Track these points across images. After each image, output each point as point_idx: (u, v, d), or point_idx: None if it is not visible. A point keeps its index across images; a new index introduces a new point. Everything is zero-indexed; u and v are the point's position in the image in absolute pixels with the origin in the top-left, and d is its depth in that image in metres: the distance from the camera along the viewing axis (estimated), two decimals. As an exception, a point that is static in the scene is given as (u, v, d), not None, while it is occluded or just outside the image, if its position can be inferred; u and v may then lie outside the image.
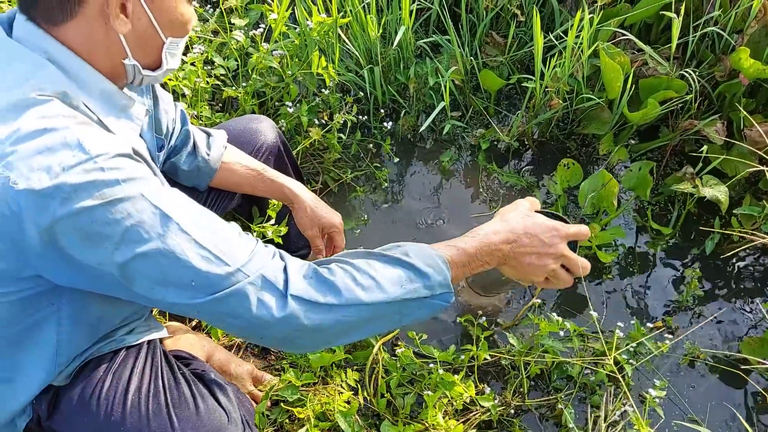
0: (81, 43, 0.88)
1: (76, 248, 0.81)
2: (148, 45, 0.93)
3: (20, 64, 0.85)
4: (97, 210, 0.79)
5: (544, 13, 2.37)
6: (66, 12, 0.85)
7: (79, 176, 0.78)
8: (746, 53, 1.85)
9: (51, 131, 0.79)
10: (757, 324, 1.84)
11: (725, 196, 1.87)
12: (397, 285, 0.92)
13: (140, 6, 0.88)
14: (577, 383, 1.66)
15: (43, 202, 0.77)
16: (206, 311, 0.86)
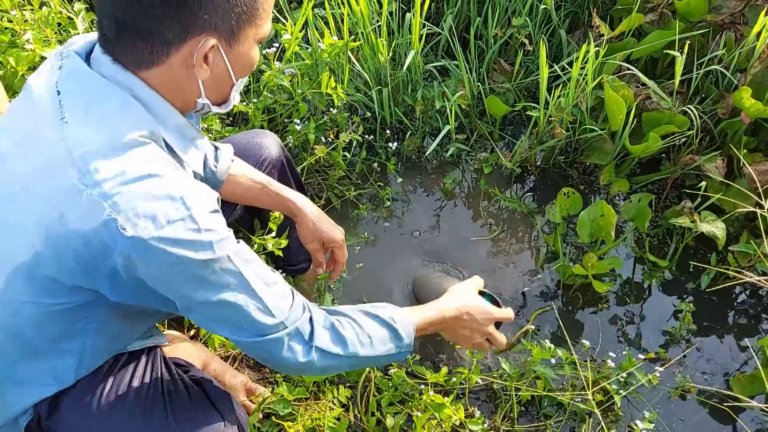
0: (162, 85, 0.96)
1: (157, 283, 0.92)
2: (221, 86, 1.02)
3: (113, 101, 0.92)
4: (190, 264, 0.90)
5: (553, 43, 2.41)
6: (153, 61, 0.93)
7: (181, 232, 0.88)
8: (748, 93, 1.88)
9: (154, 177, 0.88)
10: (748, 361, 1.85)
11: (722, 233, 1.90)
12: (383, 344, 1.18)
13: (220, 56, 0.96)
14: (567, 411, 1.68)
15: (144, 249, 0.86)
16: (244, 346, 1.04)
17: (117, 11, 0.90)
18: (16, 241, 0.94)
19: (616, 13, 2.35)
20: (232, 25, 0.94)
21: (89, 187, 0.86)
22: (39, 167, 0.92)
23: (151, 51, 0.92)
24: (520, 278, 2.02)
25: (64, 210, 0.88)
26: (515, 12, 2.38)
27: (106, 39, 0.94)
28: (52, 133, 0.91)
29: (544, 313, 1.94)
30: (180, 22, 0.89)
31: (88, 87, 0.93)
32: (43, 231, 0.90)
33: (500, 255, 2.08)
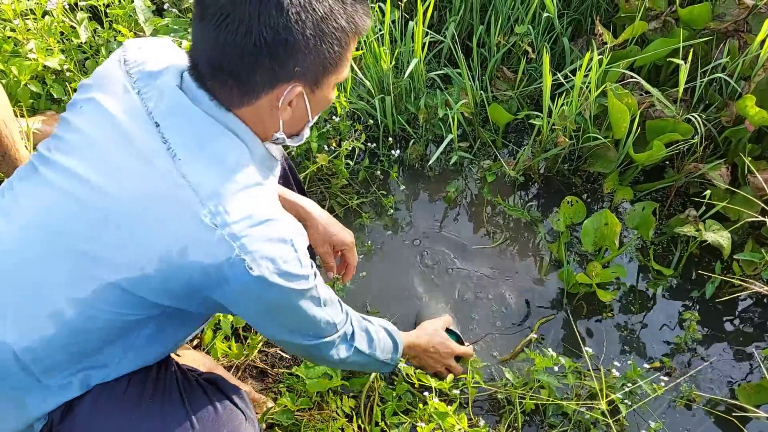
0: (250, 120, 1.05)
1: (250, 310, 1.07)
2: (298, 123, 1.11)
3: (223, 140, 1.02)
4: (292, 295, 1.04)
5: (556, 50, 2.41)
6: (243, 102, 1.01)
7: (292, 269, 1.00)
8: (752, 100, 1.87)
9: (273, 221, 1.00)
10: (754, 370, 1.84)
11: (728, 242, 1.89)
12: (386, 353, 1.44)
13: (303, 101, 1.05)
14: (572, 420, 1.67)
15: (264, 286, 0.98)
16: (299, 347, 1.21)
17: (217, 55, 0.97)
18: (118, 260, 0.98)
19: (619, 20, 2.34)
20: (317, 75, 1.01)
21: (220, 227, 0.95)
22: (153, 196, 0.98)
23: (244, 94, 1.00)
24: (523, 287, 2.02)
25: (189, 243, 0.96)
26: (518, 20, 2.38)
27: (201, 76, 1.01)
28: (166, 166, 0.97)
29: (548, 322, 1.93)
30: (273, 71, 0.97)
31: (196, 125, 1.01)
32: (160, 258, 0.96)
33: (503, 263, 2.07)
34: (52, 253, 1.01)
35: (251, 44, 0.93)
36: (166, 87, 1.03)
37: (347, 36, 1.01)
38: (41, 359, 1.03)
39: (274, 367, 1.74)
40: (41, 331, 1.01)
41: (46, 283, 1.01)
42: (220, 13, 0.93)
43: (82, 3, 2.16)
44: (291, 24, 0.93)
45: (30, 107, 2.00)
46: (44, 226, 1.01)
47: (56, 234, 1.00)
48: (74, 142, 1.04)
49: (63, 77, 2.05)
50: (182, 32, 2.21)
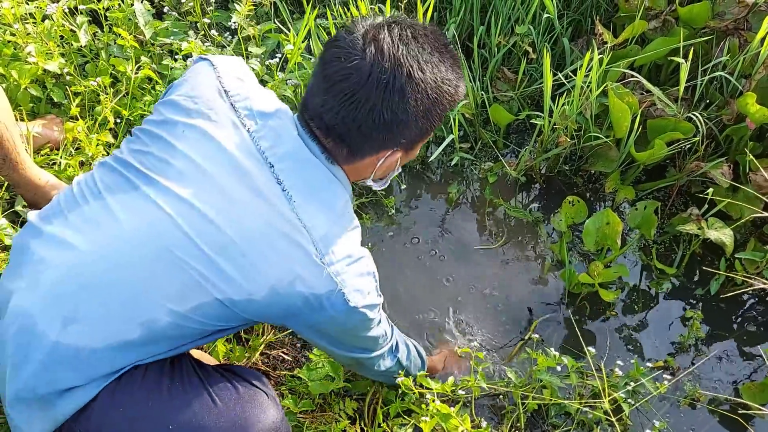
0: (350, 172, 1.19)
1: (332, 330, 1.18)
2: (387, 172, 1.25)
3: (333, 188, 1.14)
4: (367, 321, 1.16)
5: (556, 51, 2.40)
6: (349, 161, 1.16)
7: (372, 300, 1.14)
8: (753, 98, 1.87)
9: (363, 259, 1.13)
10: (758, 369, 1.83)
11: (730, 240, 1.88)
12: (417, 369, 1.54)
13: (396, 161, 1.19)
14: (575, 420, 1.66)
15: (353, 313, 1.11)
16: (353, 360, 1.31)
17: (336, 123, 1.10)
18: (230, 284, 1.06)
19: (619, 20, 2.34)
20: (414, 141, 1.16)
21: (327, 265, 1.07)
22: (272, 233, 1.07)
23: (352, 155, 1.14)
24: (525, 287, 2.01)
25: (299, 277, 1.07)
26: (518, 20, 2.38)
27: (314, 131, 1.13)
28: (283, 207, 1.08)
29: (548, 321, 1.93)
30: (382, 142, 1.13)
31: (310, 171, 1.12)
32: (270, 287, 1.07)
33: (506, 264, 2.06)
34: (164, 267, 1.05)
35: (371, 121, 1.07)
36: (283, 132, 1.13)
37: (446, 113, 1.16)
38: (99, 360, 1.05)
39: (276, 369, 1.73)
40: (124, 336, 1.06)
41: (152, 293, 1.06)
42: (349, 90, 1.06)
43: (81, 7, 2.16)
44: (409, 109, 1.08)
45: (30, 111, 2.00)
46: (154, 242, 1.06)
47: (167, 250, 1.05)
48: (183, 169, 1.09)
49: (63, 81, 2.05)
50: (182, 35, 2.21)
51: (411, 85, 1.07)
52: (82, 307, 1.05)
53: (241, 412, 1.11)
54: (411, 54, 1.08)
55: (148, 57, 2.13)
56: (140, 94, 2.08)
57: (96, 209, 1.09)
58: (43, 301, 1.06)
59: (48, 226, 1.10)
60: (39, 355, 1.04)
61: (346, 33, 1.10)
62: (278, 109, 1.17)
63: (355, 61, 1.05)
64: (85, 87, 2.00)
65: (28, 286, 1.07)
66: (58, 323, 1.04)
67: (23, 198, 1.69)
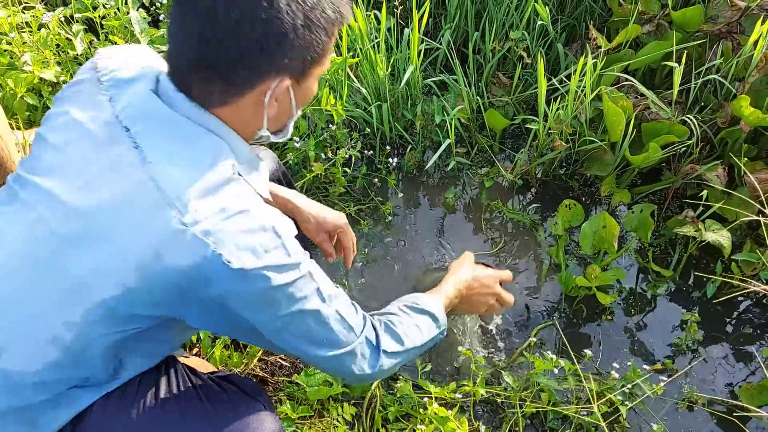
0: (232, 121, 1.01)
1: (246, 310, 0.97)
2: (281, 118, 1.08)
3: (203, 142, 0.98)
4: (282, 286, 0.96)
5: (551, 56, 2.42)
6: (226, 101, 0.98)
7: (276, 259, 0.95)
8: (747, 101, 1.88)
9: (248, 213, 0.94)
10: (755, 371, 1.83)
11: (728, 242, 1.88)
12: (429, 330, 1.29)
13: (288, 95, 1.02)
14: (573, 424, 1.66)
15: (246, 278, 0.92)
16: (323, 361, 1.10)
17: (200, 52, 0.93)
18: (100, 279, 0.94)
19: (612, 24, 2.36)
20: (304, 67, 0.99)
21: (190, 226, 0.90)
22: (123, 205, 0.93)
23: (227, 91, 0.97)
24: (523, 291, 2.01)
25: (161, 248, 0.91)
26: (512, 26, 2.39)
27: (181, 76, 0.98)
28: (136, 172, 0.93)
29: (546, 327, 1.93)
30: (261, 65, 0.95)
31: (170, 128, 0.97)
32: (137, 268, 0.92)
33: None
34: (39, 281, 0.97)
35: (240, 38, 0.90)
36: (140, 91, 0.99)
37: (333, 26, 0.99)
38: (52, 382, 1.01)
39: (274, 375, 1.73)
40: (46, 357, 0.99)
41: (41, 310, 0.97)
42: (205, 7, 0.90)
43: (77, 15, 2.17)
44: (282, 15, 0.91)
45: (26, 120, 2.00)
46: (27, 254, 0.97)
47: (39, 261, 0.97)
48: (49, 161, 1.00)
49: (59, 89, 2.06)
50: (178, 43, 2.22)
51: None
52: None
53: (237, 425, 1.09)
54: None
55: (144, 65, 2.13)
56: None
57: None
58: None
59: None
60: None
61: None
62: (143, 70, 1.03)
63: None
64: (82, 95, 2.00)
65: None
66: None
67: (20, 206, 1.69)
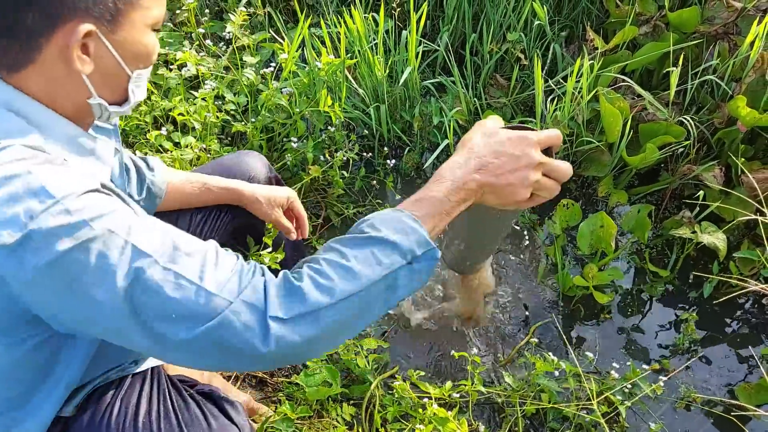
0: (41, 89, 0.84)
1: (62, 295, 0.77)
2: (114, 81, 0.89)
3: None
4: (71, 253, 0.75)
5: (548, 58, 2.43)
6: (23, 58, 0.82)
7: (46, 222, 0.74)
8: (744, 101, 1.89)
9: (12, 178, 0.75)
10: (753, 370, 1.84)
11: (723, 244, 1.89)
12: (372, 265, 0.84)
13: (102, 44, 0.84)
14: (573, 423, 1.67)
15: (17, 256, 0.74)
16: (188, 349, 0.80)
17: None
18: None
19: (609, 26, 2.37)
20: (109, 8, 0.82)
21: None
22: None
23: (20, 49, 0.81)
24: (520, 290, 2.02)
25: None
26: (510, 27, 2.40)
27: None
28: None
29: (544, 324, 1.93)
30: (43, 8, 0.78)
31: None
32: None
33: (501, 267, 2.07)
34: None
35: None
36: None
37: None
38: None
39: (273, 375, 1.74)
40: None
41: None
42: None
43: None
44: None
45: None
46: None
47: None
48: None
49: None
50: (177, 46, 2.23)
51: None
52: None
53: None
54: None
55: (143, 68, 2.14)
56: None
57: None
58: None
59: None
60: None
61: None
62: None
63: None
64: (81, 98, 2.01)
65: None
66: None
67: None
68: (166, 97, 2.13)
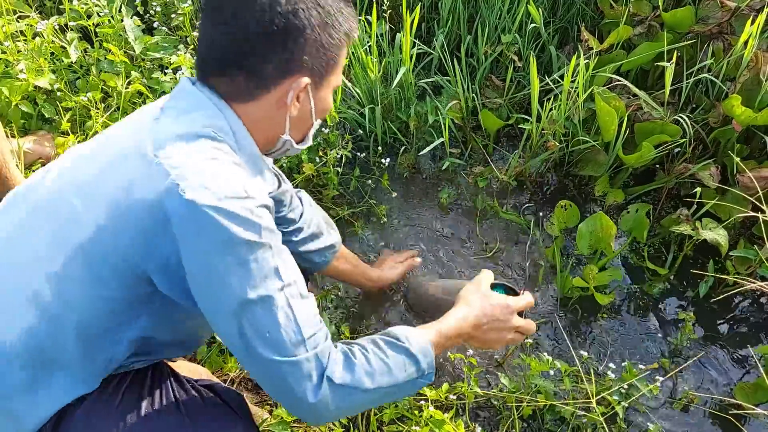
0: (251, 119, 1.07)
1: (195, 264, 0.95)
2: (302, 126, 1.14)
3: (206, 111, 1.04)
4: (236, 243, 0.94)
5: (543, 59, 2.42)
6: (251, 96, 1.05)
7: (235, 208, 0.94)
8: (738, 100, 1.89)
9: (220, 161, 0.98)
10: (751, 369, 1.83)
11: (725, 240, 1.88)
12: (401, 370, 1.10)
13: (308, 96, 1.08)
14: (570, 424, 1.66)
15: (198, 215, 0.92)
16: (260, 366, 0.99)
17: (227, 46, 1.01)
18: (78, 219, 0.99)
19: (604, 26, 2.37)
20: (322, 69, 1.06)
21: (159, 158, 0.95)
22: (122, 154, 1.00)
23: (250, 86, 1.04)
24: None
25: (135, 179, 0.96)
26: (504, 29, 2.40)
27: (206, 71, 1.05)
28: (145, 130, 1.01)
29: (543, 324, 1.93)
30: (282, 61, 1.02)
31: (189, 99, 1.05)
32: (110, 203, 0.96)
33: (499, 269, 2.07)
34: (38, 224, 1.02)
35: (263, 34, 0.98)
36: (180, 82, 1.09)
37: (345, 36, 1.08)
38: (28, 354, 1.01)
39: (269, 379, 1.73)
40: (24, 321, 1.00)
41: (31, 256, 1.01)
42: (231, 9, 0.99)
43: (72, 23, 2.18)
44: (299, 12, 0.99)
45: (21, 127, 2.01)
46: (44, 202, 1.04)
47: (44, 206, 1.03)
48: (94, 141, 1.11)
49: (54, 97, 2.07)
50: (171, 50, 2.23)
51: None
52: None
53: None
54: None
55: (138, 72, 2.14)
56: (131, 108, 2.09)
57: None
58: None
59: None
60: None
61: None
62: None
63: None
64: (76, 102, 2.01)
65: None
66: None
67: (14, 213, 1.69)
68: (161, 101, 2.13)
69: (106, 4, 2.23)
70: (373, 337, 1.14)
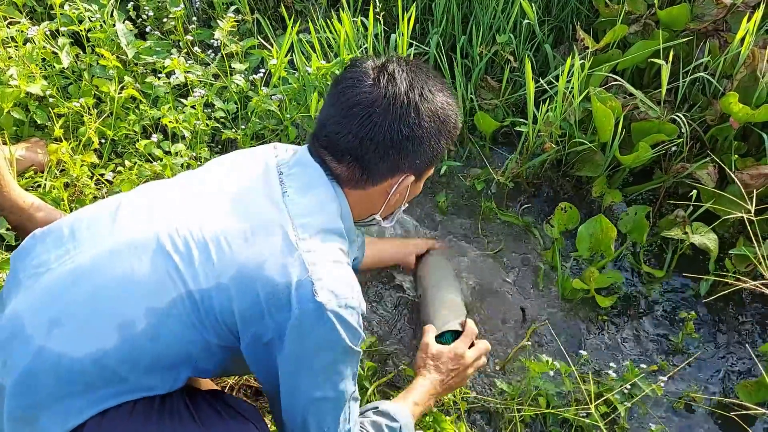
0: (355, 200, 1.21)
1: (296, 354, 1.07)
2: (393, 207, 1.28)
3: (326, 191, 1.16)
4: (341, 346, 1.08)
5: (539, 58, 2.41)
6: (360, 185, 1.19)
7: (350, 318, 1.07)
8: (735, 98, 1.88)
9: (342, 264, 1.11)
10: (752, 367, 1.83)
11: (714, 244, 1.89)
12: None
13: (406, 189, 1.22)
14: (573, 427, 1.65)
15: (320, 316, 1.04)
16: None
17: (352, 144, 1.13)
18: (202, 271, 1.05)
19: (600, 25, 2.36)
20: (424, 167, 1.21)
21: (301, 249, 1.06)
22: (261, 221, 1.10)
23: (363, 178, 1.17)
24: (519, 294, 2.00)
25: (270, 257, 1.05)
26: (499, 29, 2.39)
27: (323, 149, 1.17)
28: (276, 199, 1.12)
29: (541, 327, 1.92)
30: (397, 162, 1.16)
31: (309, 173, 1.17)
32: (239, 267, 1.05)
33: (498, 271, 2.05)
34: (146, 260, 1.06)
35: (388, 139, 1.12)
36: (298, 151, 1.22)
37: (454, 137, 1.23)
38: (79, 374, 1.02)
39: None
40: (101, 343, 1.02)
41: (131, 288, 1.05)
42: (366, 111, 1.11)
43: (63, 29, 2.16)
44: (423, 124, 1.14)
45: (14, 134, 1.99)
46: (149, 236, 1.09)
47: (153, 242, 1.08)
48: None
49: (46, 103, 2.04)
50: (164, 54, 2.21)
51: (424, 103, 1.14)
52: (69, 308, 1.03)
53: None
54: (419, 79, 1.16)
55: (131, 76, 2.12)
56: (124, 113, 2.07)
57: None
58: (33, 303, 1.05)
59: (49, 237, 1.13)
60: (24, 360, 1.02)
61: (356, 65, 1.18)
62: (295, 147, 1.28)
63: (370, 85, 1.13)
64: (69, 108, 1.99)
65: (26, 288, 1.07)
66: (44, 326, 1.02)
67: (7, 221, 1.68)
68: (155, 106, 2.11)
69: (98, 9, 2.21)
70: (380, 408, 1.35)
